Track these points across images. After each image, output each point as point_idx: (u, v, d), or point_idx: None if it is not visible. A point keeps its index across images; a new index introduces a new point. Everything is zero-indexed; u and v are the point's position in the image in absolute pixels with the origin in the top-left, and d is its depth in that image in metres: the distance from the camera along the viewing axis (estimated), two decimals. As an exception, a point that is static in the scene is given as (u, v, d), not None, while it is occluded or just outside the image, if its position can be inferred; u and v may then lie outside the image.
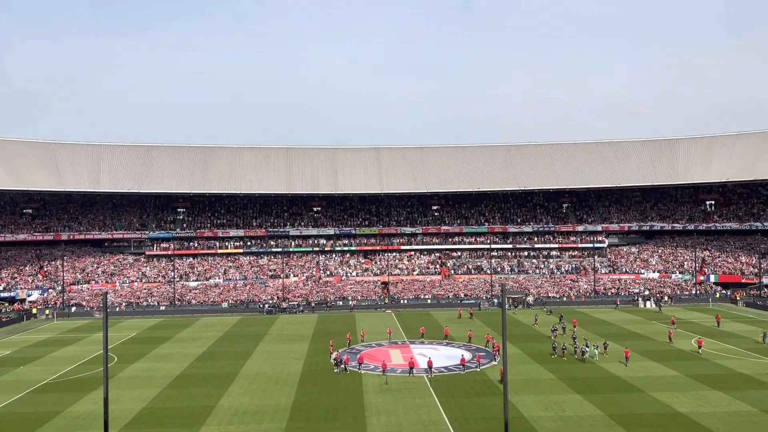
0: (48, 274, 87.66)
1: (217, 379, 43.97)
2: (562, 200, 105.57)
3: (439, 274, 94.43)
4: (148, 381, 44.09)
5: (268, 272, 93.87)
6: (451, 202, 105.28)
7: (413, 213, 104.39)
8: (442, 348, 53.99)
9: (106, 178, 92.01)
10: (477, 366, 46.18)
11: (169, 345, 58.19)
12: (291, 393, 40.04)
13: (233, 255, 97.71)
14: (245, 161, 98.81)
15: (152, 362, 50.54)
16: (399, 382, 42.22)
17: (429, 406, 36.80)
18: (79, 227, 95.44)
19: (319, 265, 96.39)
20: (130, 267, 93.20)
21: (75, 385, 43.08)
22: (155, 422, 34.56)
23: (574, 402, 37.02)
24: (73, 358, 52.25)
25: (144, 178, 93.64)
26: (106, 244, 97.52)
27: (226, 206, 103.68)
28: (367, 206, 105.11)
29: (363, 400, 38.18)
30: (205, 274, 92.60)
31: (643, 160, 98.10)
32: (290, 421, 34.25)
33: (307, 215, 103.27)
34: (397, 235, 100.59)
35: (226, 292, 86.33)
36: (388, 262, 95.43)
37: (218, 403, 37.91)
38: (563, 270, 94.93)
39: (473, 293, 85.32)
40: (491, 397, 38.03)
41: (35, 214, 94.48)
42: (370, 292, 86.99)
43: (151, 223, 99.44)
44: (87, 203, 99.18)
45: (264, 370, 46.92)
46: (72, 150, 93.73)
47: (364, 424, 33.52)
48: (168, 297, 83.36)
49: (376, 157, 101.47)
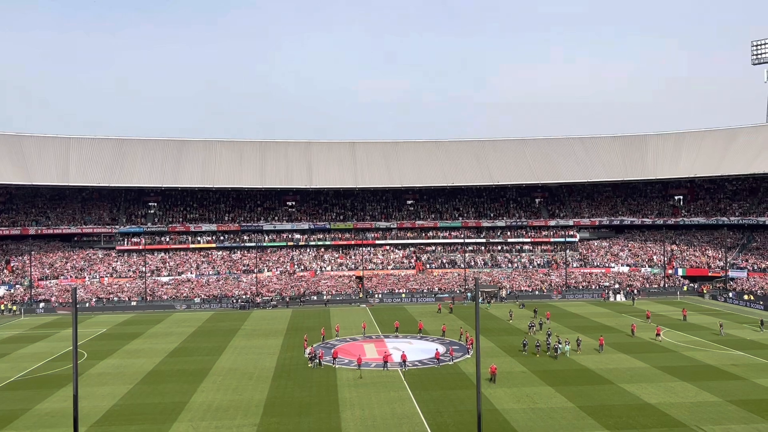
0: (15, 270, 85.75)
1: (189, 375, 43.59)
2: (534, 195, 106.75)
3: (414, 268, 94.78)
4: (119, 377, 43.50)
5: (242, 267, 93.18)
6: (426, 196, 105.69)
7: (388, 207, 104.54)
8: (417, 342, 54.27)
9: (76, 172, 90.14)
10: (451, 359, 46.54)
11: (141, 341, 57.46)
12: (265, 388, 39.89)
13: (206, 250, 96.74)
14: (219, 155, 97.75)
15: (123, 358, 49.87)
16: (373, 376, 42.34)
17: (403, 399, 37.00)
18: (47, 221, 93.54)
19: (293, 259, 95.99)
20: (100, 262, 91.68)
21: (44, 383, 42.30)
22: (126, 419, 34.14)
23: (545, 394, 37.57)
24: (41, 355, 51.29)
25: (115, 171, 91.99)
26: (76, 239, 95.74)
27: (199, 200, 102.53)
28: (342, 201, 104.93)
29: (337, 394, 38.23)
30: (177, 269, 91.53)
31: (614, 155, 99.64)
32: (264, 417, 34.13)
33: (282, 210, 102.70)
34: (371, 230, 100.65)
35: (199, 287, 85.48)
36: (362, 256, 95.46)
37: (191, 399, 37.59)
38: (536, 264, 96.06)
39: (447, 287, 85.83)
40: (464, 390, 38.38)
41: (1, 208, 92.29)
42: (344, 286, 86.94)
43: (122, 218, 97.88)
44: (56, 197, 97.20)
45: (237, 365, 46.64)
46: (40, 143, 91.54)
47: (338, 419, 33.58)
48: (139, 292, 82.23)
49: (351, 152, 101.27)
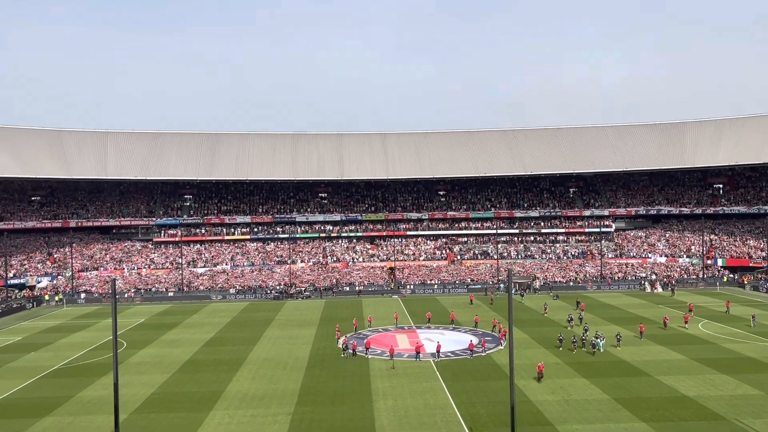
0: (57, 261, 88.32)
1: (225, 365, 44.36)
2: (568, 185, 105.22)
3: (446, 259, 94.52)
4: (158, 366, 44.52)
5: (275, 258, 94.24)
6: (458, 187, 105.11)
7: (419, 198, 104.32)
8: (449, 333, 54.22)
9: (114, 166, 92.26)
10: (484, 351, 46.39)
11: (178, 331, 58.67)
12: (298, 378, 40.36)
13: (240, 241, 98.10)
14: (252, 148, 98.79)
15: (161, 348, 51.00)
16: (406, 367, 42.47)
17: (436, 390, 37.04)
18: (86, 214, 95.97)
19: (325, 250, 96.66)
20: (138, 254, 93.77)
21: (85, 371, 43.57)
22: (164, 407, 34.96)
23: (580, 386, 37.16)
24: (82, 344, 52.79)
25: (151, 165, 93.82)
26: (114, 231, 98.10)
27: (233, 193, 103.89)
28: (373, 192, 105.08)
29: (370, 384, 38.47)
30: (212, 261, 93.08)
31: (651, 143, 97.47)
32: (298, 406, 34.56)
33: (314, 201, 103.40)
34: (403, 221, 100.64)
35: (234, 278, 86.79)
36: (394, 247, 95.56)
37: (227, 388, 38.27)
38: (570, 254, 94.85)
39: (480, 278, 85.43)
40: (498, 381, 38.24)
41: (43, 202, 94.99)
42: (376, 277, 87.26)
43: (159, 210, 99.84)
44: (94, 190, 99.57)
45: (272, 355, 47.28)
46: (79, 137, 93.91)
47: (371, 408, 33.80)
48: (176, 283, 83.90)
49: (383, 143, 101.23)
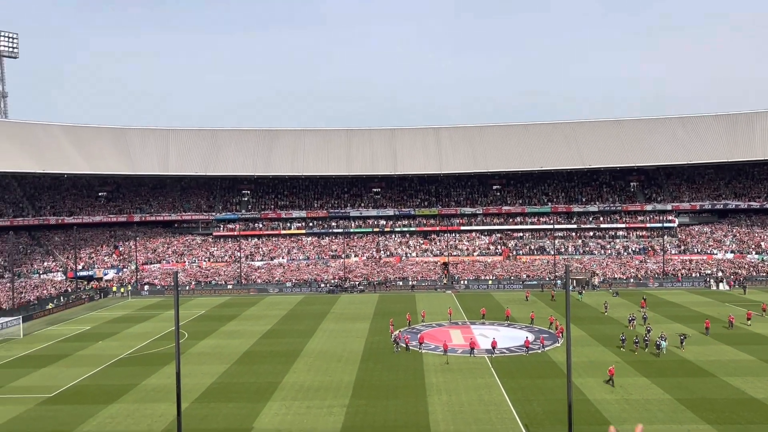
0: (122, 254, 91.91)
1: (282, 356, 45.20)
2: (629, 178, 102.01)
3: (500, 254, 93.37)
4: (217, 357, 45.75)
5: (330, 252, 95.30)
6: (513, 181, 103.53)
7: (473, 193, 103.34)
8: (504, 329, 53.57)
9: (175, 162, 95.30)
10: (541, 348, 45.64)
11: (236, 322, 60.13)
12: (353, 371, 40.72)
13: (296, 236, 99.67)
14: (307, 144, 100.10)
15: (221, 339, 52.39)
16: (460, 363, 42.24)
17: (490, 386, 36.69)
18: (150, 209, 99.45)
19: (379, 245, 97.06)
20: (199, 247, 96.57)
21: (149, 360, 45.22)
22: (224, 396, 35.92)
23: (640, 385, 36.08)
24: (146, 334, 54.78)
25: (211, 161, 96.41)
26: (176, 225, 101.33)
27: (289, 188, 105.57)
28: (427, 186, 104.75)
29: (424, 379, 38.44)
30: (269, 254, 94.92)
31: (717, 135, 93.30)
32: (353, 398, 34.88)
33: (367, 196, 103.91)
34: (456, 216, 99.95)
35: (290, 271, 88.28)
36: (447, 242, 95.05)
37: (283, 380, 38.99)
38: (631, 250, 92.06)
39: (536, 275, 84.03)
40: (554, 379, 37.55)
41: (109, 197, 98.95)
42: (429, 272, 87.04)
43: (218, 205, 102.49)
44: (157, 186, 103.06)
45: (327, 348, 47.87)
46: (142, 135, 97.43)
47: (425, 403, 33.78)
48: (235, 276, 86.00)
49: (436, 137, 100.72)
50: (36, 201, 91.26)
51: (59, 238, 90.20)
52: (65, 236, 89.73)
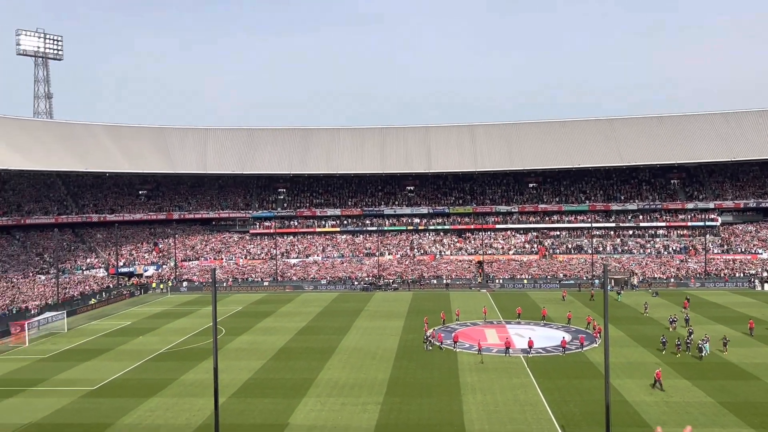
0: (162, 251, 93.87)
1: (317, 353, 45.54)
2: (670, 176, 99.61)
3: (537, 253, 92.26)
4: (254, 353, 46.35)
5: (364, 250, 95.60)
6: (549, 179, 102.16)
7: (509, 191, 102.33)
8: (540, 329, 52.95)
9: (213, 161, 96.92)
10: (581, 347, 44.98)
11: (272, 319, 60.82)
12: (387, 368, 40.78)
13: (331, 233, 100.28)
14: (341, 142, 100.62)
15: (257, 335, 53.07)
16: (495, 362, 41.91)
17: (526, 386, 36.31)
18: (188, 207, 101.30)
19: (413, 243, 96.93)
20: (236, 244, 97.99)
21: (188, 355, 46.08)
22: (260, 392, 36.37)
23: (681, 388, 35.22)
24: (185, 330, 55.83)
25: (248, 160, 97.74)
26: (213, 223, 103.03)
27: (324, 186, 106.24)
28: (461, 184, 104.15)
29: (458, 377, 38.26)
30: (304, 252, 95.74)
31: (763, 131, 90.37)
32: (387, 396, 34.93)
33: (401, 194, 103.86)
34: (491, 214, 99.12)
35: (324, 269, 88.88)
36: (482, 241, 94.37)
37: (318, 376, 39.28)
38: (671, 250, 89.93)
39: (573, 274, 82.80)
40: (592, 380, 36.95)
41: (150, 195, 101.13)
42: (464, 270, 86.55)
43: (255, 203, 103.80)
44: (196, 184, 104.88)
45: (361, 345, 48.04)
46: (181, 134, 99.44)
47: (460, 402, 33.62)
48: (271, 273, 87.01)
49: (471, 135, 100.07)
50: (79, 199, 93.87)
51: (101, 235, 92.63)
52: (107, 233, 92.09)
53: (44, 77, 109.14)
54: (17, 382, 39.54)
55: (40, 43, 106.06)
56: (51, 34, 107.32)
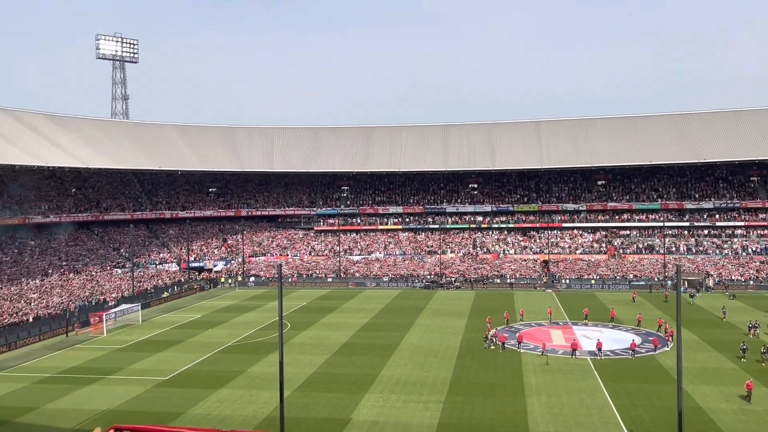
0: (230, 247, 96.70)
1: (379, 349, 45.80)
2: (749, 173, 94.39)
3: (605, 253, 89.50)
4: (318, 347, 47.09)
5: (426, 248, 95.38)
6: (619, 176, 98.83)
7: (576, 189, 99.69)
8: (608, 331, 51.38)
9: (279, 159, 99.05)
10: (655, 349, 43.39)
11: (336, 315, 61.59)
12: (449, 367, 40.56)
13: (393, 231, 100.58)
14: (404, 140, 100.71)
15: (321, 330, 53.87)
16: (560, 364, 40.98)
17: (593, 389, 35.33)
18: (256, 204, 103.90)
19: (475, 242, 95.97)
20: (301, 241, 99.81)
21: (254, 349, 47.29)
22: (324, 386, 36.91)
23: (762, 396, 33.38)
24: (252, 324, 57.31)
25: (312, 158, 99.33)
26: (279, 220, 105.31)
27: (386, 184, 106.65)
28: (526, 182, 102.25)
29: (522, 378, 37.63)
30: (367, 249, 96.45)
31: None
32: (449, 395, 34.75)
33: (464, 192, 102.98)
34: (558, 212, 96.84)
35: (387, 266, 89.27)
36: (548, 239, 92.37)
37: (380, 372, 39.49)
38: (750, 250, 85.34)
39: (643, 274, 79.89)
40: (663, 385, 35.57)
41: (219, 193, 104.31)
42: (529, 270, 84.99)
43: (319, 201, 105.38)
44: (262, 182, 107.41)
45: (423, 342, 47.97)
46: (249, 133, 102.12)
47: (524, 403, 33.07)
48: (334, 270, 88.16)
49: (536, 131, 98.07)
50: (153, 196, 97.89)
51: (173, 231, 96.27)
52: (179, 229, 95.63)
53: (121, 80, 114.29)
54: (96, 371, 41.67)
55: (117, 47, 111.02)
56: (128, 38, 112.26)
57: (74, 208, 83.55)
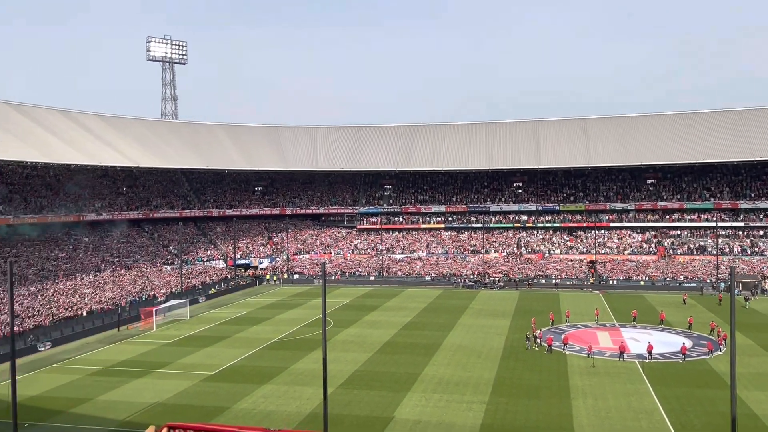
0: (275, 245, 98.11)
1: (421, 348, 45.73)
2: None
3: (655, 254, 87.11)
4: (360, 345, 47.33)
5: (469, 247, 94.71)
6: (669, 175, 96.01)
7: (624, 188, 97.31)
8: (657, 333, 50.04)
9: (323, 158, 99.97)
10: (709, 353, 42.05)
11: (378, 313, 61.78)
12: (493, 367, 40.18)
13: (435, 230, 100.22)
14: (447, 138, 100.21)
15: (363, 328, 54.13)
16: (607, 366, 40.11)
17: (641, 393, 34.46)
18: (300, 203, 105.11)
19: (520, 241, 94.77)
20: (344, 239, 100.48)
21: (298, 345, 47.86)
22: (366, 384, 37.08)
23: (822, 404, 31.96)
24: (296, 321, 58.02)
25: (355, 156, 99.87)
26: (323, 218, 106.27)
27: (429, 182, 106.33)
28: (573, 181, 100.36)
29: (568, 380, 36.99)
30: (409, 248, 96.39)
31: None
32: (492, 395, 34.43)
33: (508, 191, 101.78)
34: (605, 212, 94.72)
35: (429, 265, 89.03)
36: (595, 239, 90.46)
37: (423, 372, 39.42)
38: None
39: (695, 276, 77.44)
40: (715, 390, 34.42)
41: (264, 191, 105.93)
42: (575, 270, 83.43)
43: (362, 199, 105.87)
44: (307, 181, 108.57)
45: (466, 342, 47.66)
46: (293, 133, 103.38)
47: (569, 405, 32.51)
48: (376, 268, 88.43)
49: (583, 129, 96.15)
50: (201, 194, 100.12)
51: (220, 229, 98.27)
52: (226, 227, 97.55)
53: (170, 80, 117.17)
54: (146, 364, 42.90)
55: (167, 49, 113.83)
56: (177, 40, 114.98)
57: (126, 206, 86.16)
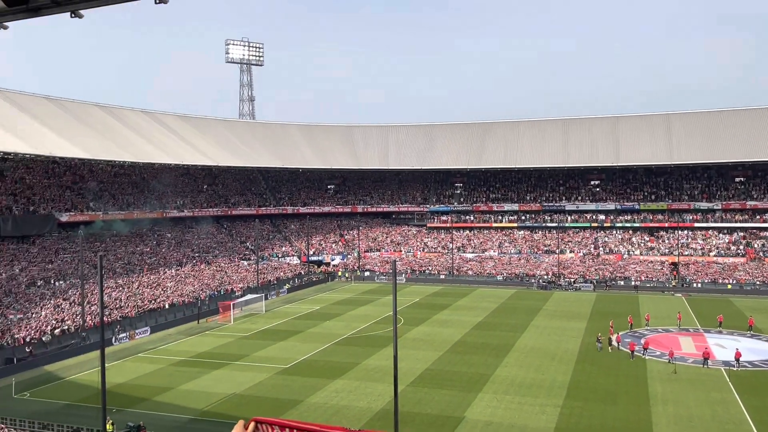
0: (347, 242, 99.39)
1: (493, 349, 45.14)
2: None
3: (743, 255, 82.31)
4: (430, 344, 47.23)
5: (543, 247, 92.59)
6: (760, 173, 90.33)
7: (710, 186, 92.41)
8: (745, 340, 47.26)
9: (394, 156, 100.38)
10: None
11: (448, 312, 61.45)
12: (567, 371, 39.15)
13: (508, 229, 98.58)
14: (521, 135, 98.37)
15: (434, 327, 53.99)
16: (690, 373, 38.26)
17: (727, 402, 32.68)
18: (371, 201, 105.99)
19: (597, 241, 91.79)
20: (414, 237, 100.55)
21: (369, 341, 48.32)
22: (437, 383, 36.97)
23: None
24: (367, 317, 58.55)
25: (426, 155, 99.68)
26: (393, 216, 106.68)
27: (501, 181, 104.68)
28: (654, 179, 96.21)
29: (647, 387, 35.56)
30: (480, 247, 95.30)
31: None
32: (567, 399, 33.57)
33: (585, 189, 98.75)
34: (689, 211, 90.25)
35: (501, 265, 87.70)
36: (678, 240, 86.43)
37: (494, 372, 38.90)
38: None
39: (788, 280, 72.68)
40: (811, 403, 32.19)
41: (337, 189, 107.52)
42: (656, 272, 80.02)
43: (432, 198, 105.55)
44: (378, 179, 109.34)
45: (539, 344, 46.66)
46: (365, 131, 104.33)
47: (648, 412, 31.25)
48: (447, 267, 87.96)
49: (665, 125, 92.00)
50: (276, 193, 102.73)
51: (294, 226, 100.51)
52: (299, 224, 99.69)
53: (248, 81, 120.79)
54: (224, 356, 44.47)
55: (245, 51, 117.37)
56: (254, 42, 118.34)
57: (206, 203, 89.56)
